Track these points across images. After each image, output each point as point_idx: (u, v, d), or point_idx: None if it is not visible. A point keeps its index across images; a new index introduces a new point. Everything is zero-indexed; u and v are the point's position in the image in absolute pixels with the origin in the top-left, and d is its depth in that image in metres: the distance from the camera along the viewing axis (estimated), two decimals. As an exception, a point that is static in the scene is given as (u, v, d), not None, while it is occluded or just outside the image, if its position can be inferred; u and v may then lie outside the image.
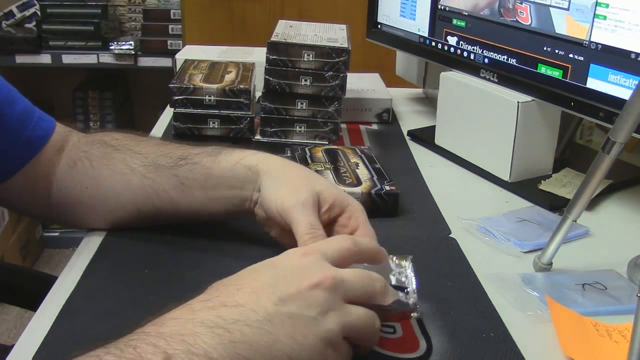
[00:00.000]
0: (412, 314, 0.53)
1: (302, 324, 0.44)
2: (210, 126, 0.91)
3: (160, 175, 0.67)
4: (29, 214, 0.79)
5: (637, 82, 0.69)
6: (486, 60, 0.92)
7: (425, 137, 1.03)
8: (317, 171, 0.79)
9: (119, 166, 0.68)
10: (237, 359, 0.41)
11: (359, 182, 0.77)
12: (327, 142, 0.93)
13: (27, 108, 0.71)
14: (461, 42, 0.96)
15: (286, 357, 0.43)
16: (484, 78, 0.92)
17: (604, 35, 0.75)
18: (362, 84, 1.17)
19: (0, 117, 0.67)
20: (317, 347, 0.44)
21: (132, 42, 2.20)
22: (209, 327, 0.41)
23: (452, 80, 0.96)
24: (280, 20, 1.04)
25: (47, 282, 0.65)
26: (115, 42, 2.20)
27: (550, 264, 0.66)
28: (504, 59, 0.89)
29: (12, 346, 0.54)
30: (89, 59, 2.21)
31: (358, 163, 0.82)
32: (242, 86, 0.90)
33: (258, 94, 0.97)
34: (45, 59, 2.20)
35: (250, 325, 0.42)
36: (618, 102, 0.73)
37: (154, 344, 0.39)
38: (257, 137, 0.93)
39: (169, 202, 0.67)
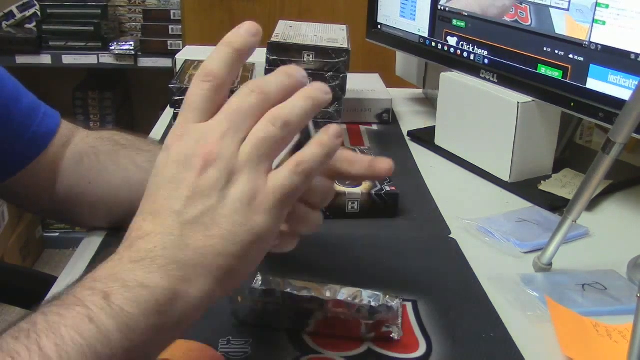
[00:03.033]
0: (391, 333, 0.54)
1: (209, 217, 0.42)
2: (211, 126, 0.91)
3: None
4: (33, 210, 0.79)
5: (637, 83, 0.69)
6: (486, 61, 0.92)
7: (425, 137, 1.03)
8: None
9: (124, 162, 0.69)
10: (174, 279, 0.40)
11: (359, 183, 0.77)
12: (327, 143, 0.93)
13: (32, 103, 0.71)
14: (461, 42, 0.96)
15: (216, 256, 0.41)
16: (484, 78, 0.92)
17: (603, 35, 0.75)
18: (362, 84, 1.17)
19: (7, 114, 0.67)
20: (238, 223, 0.42)
21: (132, 43, 2.21)
22: (136, 261, 0.41)
23: (452, 80, 0.96)
24: (280, 21, 1.04)
25: (47, 283, 0.65)
26: (115, 43, 2.20)
27: (550, 264, 0.66)
28: (504, 59, 0.89)
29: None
30: (89, 59, 2.22)
31: (358, 163, 0.82)
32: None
33: (258, 94, 0.97)
34: (45, 59, 2.20)
35: (168, 247, 0.41)
36: (618, 103, 0.73)
37: (91, 287, 0.40)
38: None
39: None
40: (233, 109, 0.44)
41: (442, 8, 0.99)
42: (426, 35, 1.03)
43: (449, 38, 0.98)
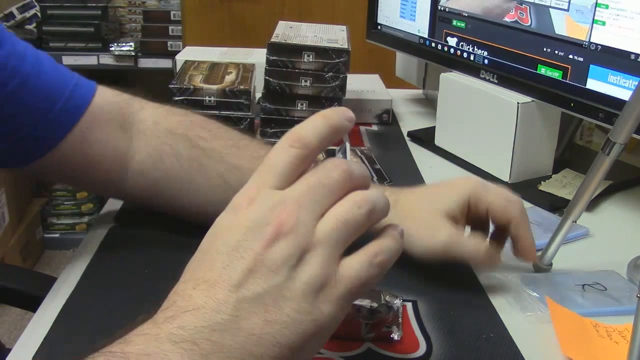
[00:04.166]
0: (391, 333, 0.54)
1: (272, 298, 0.36)
2: (211, 127, 0.91)
3: None
4: (85, 187, 0.73)
5: (637, 83, 0.69)
6: (486, 61, 0.92)
7: (425, 137, 1.03)
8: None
9: (216, 179, 0.66)
10: None
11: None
12: (327, 143, 0.93)
13: (64, 74, 0.66)
14: (461, 43, 0.96)
15: (272, 346, 0.36)
16: (484, 79, 0.92)
17: (603, 36, 0.75)
18: (362, 85, 1.17)
19: (26, 90, 0.61)
20: (303, 311, 0.37)
21: (132, 44, 2.21)
22: (175, 342, 0.35)
23: (452, 81, 0.96)
24: (280, 21, 1.04)
25: (47, 284, 0.65)
26: (115, 44, 2.20)
27: (550, 264, 0.66)
28: (503, 59, 0.89)
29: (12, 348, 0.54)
30: (89, 60, 2.22)
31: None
32: (242, 87, 0.90)
33: (258, 94, 0.97)
34: (45, 60, 2.20)
35: (217, 329, 0.36)
36: (618, 103, 0.73)
37: None
38: (257, 137, 0.93)
39: None
40: (315, 181, 0.39)
41: (442, 8, 0.99)
42: (426, 35, 1.03)
43: (448, 38, 0.98)
